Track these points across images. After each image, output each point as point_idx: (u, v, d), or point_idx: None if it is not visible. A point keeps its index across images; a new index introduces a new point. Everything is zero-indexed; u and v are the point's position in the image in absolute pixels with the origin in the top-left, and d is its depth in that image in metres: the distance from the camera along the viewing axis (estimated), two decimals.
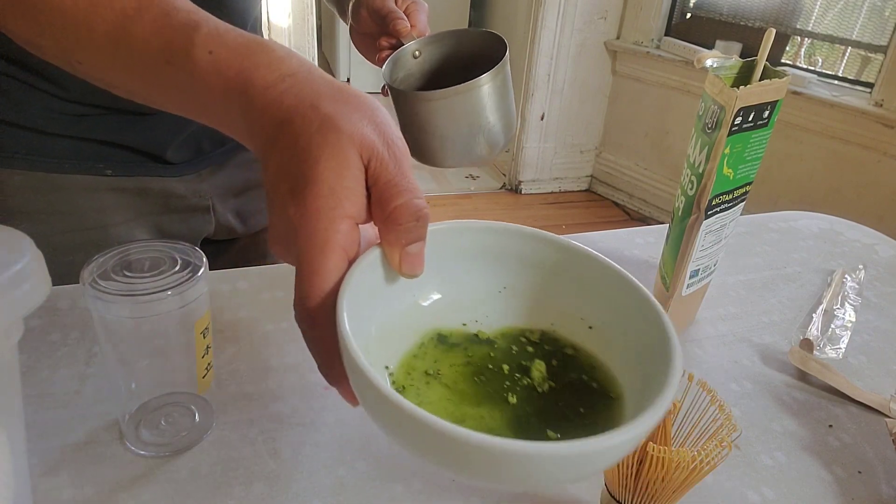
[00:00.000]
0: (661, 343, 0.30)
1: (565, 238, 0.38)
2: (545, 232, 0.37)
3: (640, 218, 2.91)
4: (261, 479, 0.43)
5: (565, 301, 0.37)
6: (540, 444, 0.24)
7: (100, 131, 0.66)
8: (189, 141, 0.71)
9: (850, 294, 0.67)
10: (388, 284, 0.34)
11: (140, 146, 0.69)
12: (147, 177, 0.71)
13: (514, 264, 0.37)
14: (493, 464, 0.25)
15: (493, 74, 0.59)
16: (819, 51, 2.40)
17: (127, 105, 0.62)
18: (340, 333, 0.29)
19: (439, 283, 0.37)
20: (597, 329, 0.36)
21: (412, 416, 0.25)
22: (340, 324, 0.29)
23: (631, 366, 0.33)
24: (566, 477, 0.28)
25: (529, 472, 0.25)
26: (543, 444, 0.24)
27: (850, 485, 0.46)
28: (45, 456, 0.43)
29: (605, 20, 2.75)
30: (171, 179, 0.73)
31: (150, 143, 0.69)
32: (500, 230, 0.37)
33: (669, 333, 0.30)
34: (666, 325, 0.31)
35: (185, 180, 0.74)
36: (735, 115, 0.47)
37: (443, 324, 0.36)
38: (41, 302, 0.29)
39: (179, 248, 0.42)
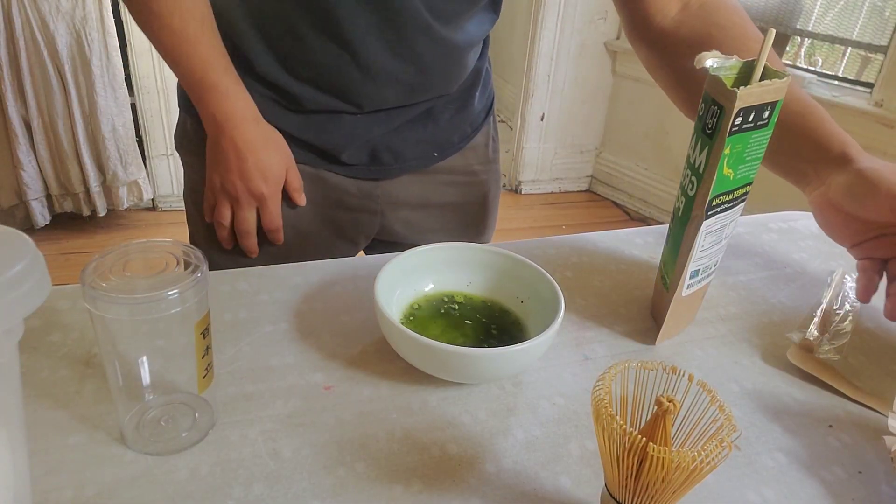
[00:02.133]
0: (556, 306, 0.52)
1: (505, 249, 0.60)
2: (494, 246, 0.62)
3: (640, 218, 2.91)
4: (261, 479, 0.43)
5: (506, 286, 0.60)
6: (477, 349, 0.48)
7: (282, 121, 0.71)
8: (364, 148, 0.75)
9: (850, 294, 0.67)
10: (404, 277, 0.58)
11: (318, 144, 0.74)
12: (324, 171, 0.76)
13: (476, 267, 0.61)
14: (452, 362, 0.48)
15: None
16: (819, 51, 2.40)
17: (310, 105, 0.72)
18: (376, 300, 0.51)
19: (433, 278, 0.60)
20: (525, 301, 0.58)
21: (410, 337, 0.48)
22: (377, 295, 0.51)
23: (540, 319, 0.54)
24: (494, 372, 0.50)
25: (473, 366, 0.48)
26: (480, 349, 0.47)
27: (850, 485, 0.46)
28: (45, 456, 0.43)
29: (605, 20, 2.75)
30: (345, 179, 0.77)
31: (327, 143, 0.74)
32: (466, 247, 0.61)
33: (560, 301, 0.52)
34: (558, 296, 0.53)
35: (360, 183, 0.77)
36: (735, 115, 0.47)
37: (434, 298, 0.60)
38: (41, 302, 0.29)
39: (179, 248, 0.42)
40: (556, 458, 0.46)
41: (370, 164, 0.76)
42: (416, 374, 0.52)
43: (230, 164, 0.68)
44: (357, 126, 0.73)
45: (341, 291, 0.62)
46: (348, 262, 0.67)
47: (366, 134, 0.74)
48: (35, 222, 2.35)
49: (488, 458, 0.45)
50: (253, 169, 0.68)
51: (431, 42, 0.69)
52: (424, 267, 0.59)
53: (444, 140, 0.79)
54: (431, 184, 0.81)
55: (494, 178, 0.88)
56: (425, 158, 0.79)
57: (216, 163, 0.69)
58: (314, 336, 0.56)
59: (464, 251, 0.60)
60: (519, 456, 0.46)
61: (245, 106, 0.67)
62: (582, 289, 0.66)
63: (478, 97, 0.81)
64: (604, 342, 0.58)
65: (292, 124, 0.72)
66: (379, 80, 0.70)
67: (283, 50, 0.69)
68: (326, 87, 0.70)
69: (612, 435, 0.35)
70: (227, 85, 0.66)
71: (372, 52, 0.67)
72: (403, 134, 0.76)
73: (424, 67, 0.71)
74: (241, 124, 0.67)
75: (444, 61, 0.72)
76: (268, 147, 0.69)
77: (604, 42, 2.79)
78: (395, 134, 0.75)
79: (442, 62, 0.72)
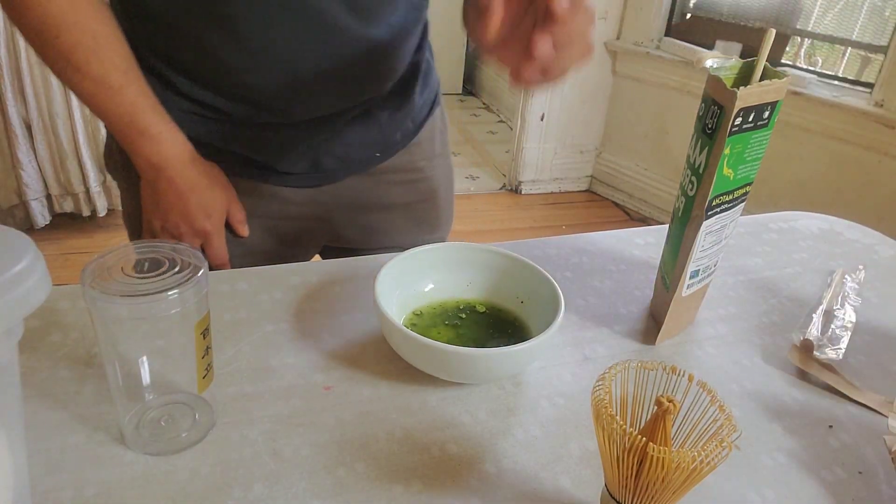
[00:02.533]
0: (556, 306, 0.52)
1: (504, 249, 0.60)
2: (494, 246, 0.61)
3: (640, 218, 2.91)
4: (261, 479, 0.43)
5: (506, 286, 0.60)
6: (477, 349, 0.48)
7: (214, 136, 0.69)
8: (301, 156, 0.72)
9: (850, 294, 0.67)
10: (404, 277, 0.57)
11: (251, 156, 0.71)
12: (262, 182, 0.73)
13: (476, 267, 0.60)
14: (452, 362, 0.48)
15: None
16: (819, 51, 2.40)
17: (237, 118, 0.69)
18: (376, 300, 0.51)
19: (433, 278, 0.60)
20: (525, 301, 0.58)
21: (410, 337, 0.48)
22: (377, 295, 0.51)
23: (540, 319, 0.54)
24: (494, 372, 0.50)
25: (473, 366, 0.49)
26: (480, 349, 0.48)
27: (850, 485, 0.46)
28: (45, 456, 0.43)
29: (605, 20, 2.75)
30: (286, 189, 0.74)
31: (261, 155, 0.71)
32: (466, 247, 0.60)
33: (560, 301, 0.52)
34: (558, 296, 0.53)
35: (302, 191, 0.75)
36: (735, 115, 0.47)
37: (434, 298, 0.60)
38: (41, 302, 0.29)
39: (179, 248, 0.42)
40: (556, 458, 0.46)
41: (310, 172, 0.74)
42: (416, 374, 0.52)
43: (171, 206, 0.66)
44: (289, 136, 0.70)
45: (341, 291, 0.62)
46: (348, 262, 0.67)
47: (300, 142, 0.71)
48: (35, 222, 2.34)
49: (488, 458, 0.45)
50: (196, 208, 0.66)
51: (352, 43, 0.64)
52: (424, 267, 0.59)
53: (385, 139, 0.76)
54: (378, 185, 0.78)
55: (444, 174, 0.85)
56: (368, 160, 0.76)
57: (156, 205, 0.67)
58: (314, 336, 0.56)
59: (464, 251, 0.60)
60: (519, 456, 0.46)
61: (182, 149, 0.65)
62: (582, 289, 0.66)
63: (418, 92, 0.77)
64: (604, 342, 0.58)
65: (221, 137, 0.69)
66: (302, 90, 0.66)
67: (195, 65, 0.65)
68: (248, 100, 0.67)
69: (612, 435, 0.35)
70: (158, 129, 0.63)
71: (288, 60, 0.63)
72: (341, 138, 0.73)
73: (349, 71, 0.66)
74: (180, 166, 0.65)
75: (370, 61, 0.67)
76: (210, 185, 0.67)
77: (604, 42, 2.79)
78: (333, 139, 0.72)
79: (368, 63, 0.67)
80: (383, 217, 0.81)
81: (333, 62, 0.65)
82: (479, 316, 0.58)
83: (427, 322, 0.57)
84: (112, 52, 0.60)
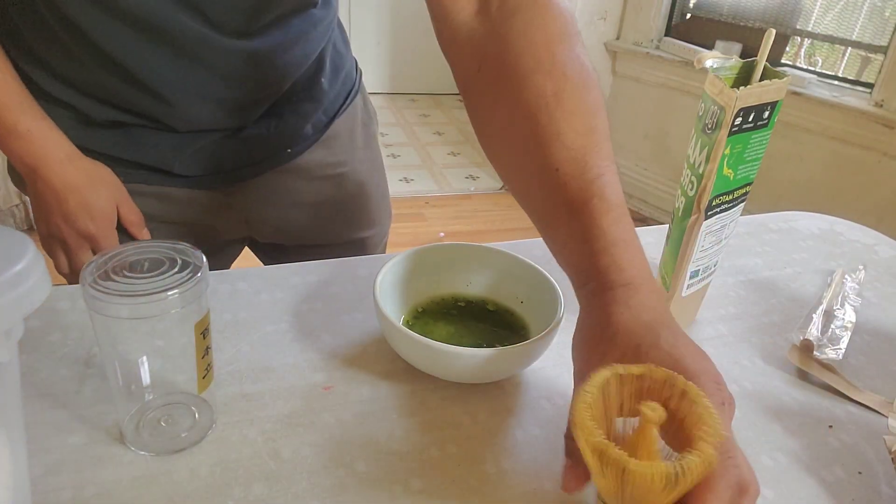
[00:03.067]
0: (556, 306, 0.52)
1: (505, 249, 0.59)
2: (494, 246, 0.61)
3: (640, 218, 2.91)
4: (261, 479, 0.43)
5: (506, 286, 0.59)
6: (477, 349, 0.47)
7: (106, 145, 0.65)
8: (199, 156, 0.68)
9: (850, 294, 0.67)
10: (404, 277, 0.57)
11: (145, 161, 0.67)
12: (166, 187, 0.69)
13: (476, 267, 0.60)
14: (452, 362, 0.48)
15: None
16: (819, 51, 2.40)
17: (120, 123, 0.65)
18: (376, 300, 0.50)
19: (433, 278, 0.60)
20: (525, 301, 0.58)
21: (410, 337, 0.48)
22: (377, 295, 0.51)
23: (540, 319, 0.54)
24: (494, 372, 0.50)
25: (473, 366, 0.48)
26: (480, 349, 0.47)
27: (850, 485, 0.46)
28: (45, 456, 0.43)
29: (605, 20, 2.75)
30: (191, 191, 0.70)
31: (153, 157, 0.67)
32: (466, 247, 0.60)
33: (559, 301, 0.52)
34: (558, 296, 0.52)
35: (209, 193, 0.71)
36: (735, 115, 0.47)
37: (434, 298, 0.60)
38: (41, 302, 0.29)
39: (179, 248, 0.42)
40: (556, 458, 0.46)
41: (212, 174, 0.69)
42: (416, 374, 0.52)
43: (51, 208, 0.62)
44: (179, 140, 0.66)
45: (341, 291, 0.62)
46: (348, 262, 0.67)
47: (193, 145, 0.66)
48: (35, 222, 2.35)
49: (488, 458, 0.45)
50: (77, 209, 0.62)
51: (228, 57, 0.60)
52: (424, 267, 0.59)
53: (293, 134, 0.72)
54: (296, 181, 0.74)
55: (372, 167, 0.81)
56: (277, 157, 0.72)
57: (38, 208, 0.63)
58: (314, 336, 0.56)
59: (464, 251, 0.60)
60: (519, 456, 0.46)
61: (56, 145, 0.61)
62: None
63: (327, 84, 0.72)
64: None
65: (106, 143, 0.65)
66: (179, 105, 0.62)
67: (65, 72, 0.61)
68: (129, 109, 0.63)
69: (592, 447, 0.33)
70: (27, 126, 0.59)
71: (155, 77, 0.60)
72: (242, 139, 0.68)
73: (232, 84, 0.62)
74: (56, 165, 0.61)
75: (255, 73, 0.63)
76: (92, 184, 0.63)
77: (604, 42, 2.79)
78: (232, 140, 0.68)
79: (253, 74, 0.63)
80: (309, 214, 0.78)
81: (211, 75, 0.61)
82: (478, 315, 0.58)
83: (427, 321, 0.57)
84: None
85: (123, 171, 0.67)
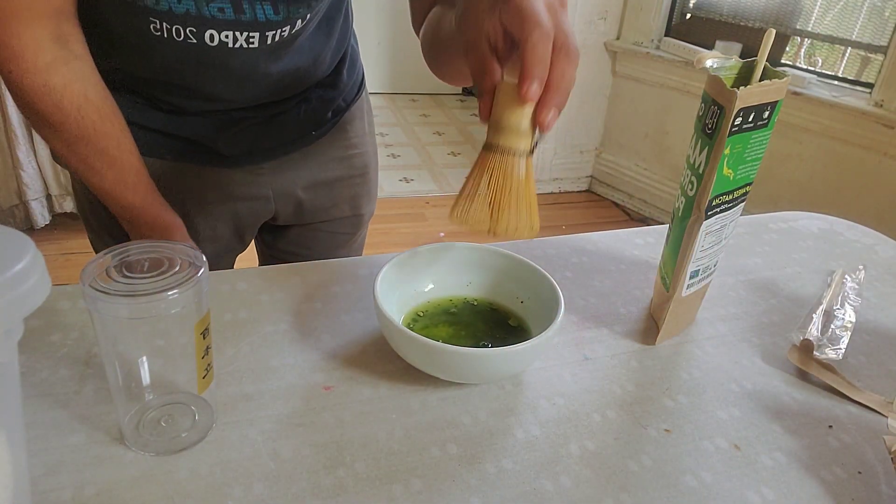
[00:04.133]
0: (556, 306, 0.52)
1: (505, 249, 0.60)
2: (494, 246, 0.61)
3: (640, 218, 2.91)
4: (261, 479, 0.43)
5: (506, 286, 0.60)
6: (477, 349, 0.49)
7: (153, 120, 0.72)
8: (240, 136, 0.75)
9: (850, 294, 0.67)
10: (404, 277, 0.57)
11: (192, 137, 0.74)
12: (205, 165, 0.76)
13: (476, 267, 0.61)
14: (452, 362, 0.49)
15: None
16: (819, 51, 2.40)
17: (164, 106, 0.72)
18: (376, 300, 0.51)
19: (433, 278, 0.60)
20: (525, 301, 0.58)
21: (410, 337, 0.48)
22: (377, 295, 0.51)
23: (540, 319, 0.54)
24: (494, 372, 0.50)
25: (473, 366, 0.49)
26: (480, 349, 0.49)
27: (850, 485, 0.46)
28: (45, 456, 0.43)
29: (605, 20, 2.75)
30: (228, 170, 0.77)
31: (201, 135, 0.74)
32: (466, 247, 0.60)
33: (559, 301, 0.52)
34: (558, 296, 0.53)
35: (245, 170, 0.78)
36: (735, 115, 0.47)
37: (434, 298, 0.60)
38: (41, 302, 0.29)
39: (179, 248, 0.42)
40: (556, 458, 0.46)
41: (248, 153, 0.77)
42: (416, 374, 0.52)
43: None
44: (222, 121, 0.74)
45: (341, 291, 0.62)
46: (348, 262, 0.67)
47: (235, 127, 0.74)
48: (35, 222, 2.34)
49: (488, 458, 0.45)
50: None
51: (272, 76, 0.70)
52: (424, 267, 0.59)
53: (319, 118, 0.81)
54: (316, 162, 0.83)
55: (373, 150, 0.91)
56: (304, 138, 0.80)
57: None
58: (314, 336, 0.56)
59: (464, 251, 0.60)
60: (519, 456, 0.46)
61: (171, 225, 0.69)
62: (582, 289, 0.66)
63: (346, 74, 0.82)
64: (604, 342, 0.58)
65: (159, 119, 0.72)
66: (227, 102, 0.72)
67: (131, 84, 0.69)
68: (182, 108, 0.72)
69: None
70: (165, 220, 0.68)
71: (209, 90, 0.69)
72: (277, 121, 0.77)
73: (277, 88, 0.73)
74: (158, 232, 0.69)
75: (292, 80, 0.73)
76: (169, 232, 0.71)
77: (604, 42, 2.79)
78: (268, 123, 0.77)
79: (291, 81, 0.73)
80: (324, 194, 0.86)
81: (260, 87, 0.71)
82: (478, 315, 0.58)
83: (427, 322, 0.57)
84: (129, 154, 0.64)
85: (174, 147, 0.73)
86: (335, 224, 0.90)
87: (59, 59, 0.57)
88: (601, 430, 0.49)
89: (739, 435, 0.49)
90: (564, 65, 0.45)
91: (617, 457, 0.46)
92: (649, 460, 0.46)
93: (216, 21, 0.59)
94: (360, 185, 0.89)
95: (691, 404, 0.52)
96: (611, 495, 0.43)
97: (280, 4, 0.61)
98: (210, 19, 0.59)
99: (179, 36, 0.60)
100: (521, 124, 0.47)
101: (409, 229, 2.63)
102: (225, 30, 0.61)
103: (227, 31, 0.61)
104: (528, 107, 0.46)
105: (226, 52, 0.63)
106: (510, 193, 0.48)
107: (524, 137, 0.47)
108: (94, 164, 0.62)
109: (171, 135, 0.73)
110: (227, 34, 0.61)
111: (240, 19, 0.60)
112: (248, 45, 0.63)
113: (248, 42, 0.63)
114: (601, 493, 0.44)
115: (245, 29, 0.61)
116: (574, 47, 0.45)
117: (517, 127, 0.47)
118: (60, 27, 0.57)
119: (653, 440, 0.48)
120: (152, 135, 0.72)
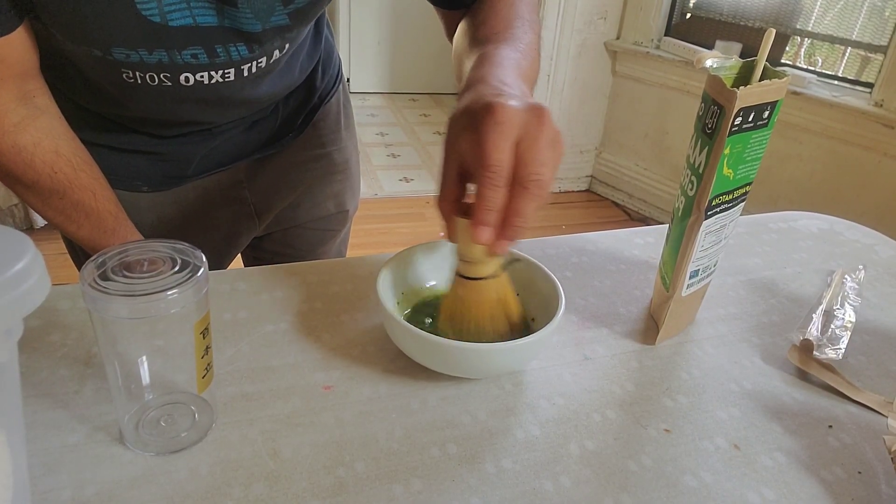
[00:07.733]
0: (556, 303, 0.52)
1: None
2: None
3: (640, 218, 2.91)
4: (261, 479, 0.43)
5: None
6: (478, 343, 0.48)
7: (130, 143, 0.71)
8: (219, 149, 0.75)
9: (850, 294, 0.67)
10: (405, 275, 0.58)
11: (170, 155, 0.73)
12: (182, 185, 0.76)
13: None
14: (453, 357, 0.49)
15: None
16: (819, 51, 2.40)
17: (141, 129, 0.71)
18: (378, 296, 0.51)
19: (434, 276, 0.60)
20: (526, 298, 0.57)
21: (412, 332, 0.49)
22: (381, 290, 0.52)
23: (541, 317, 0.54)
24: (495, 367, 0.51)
25: (475, 361, 0.49)
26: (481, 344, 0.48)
27: (850, 485, 0.46)
28: (45, 456, 0.43)
29: (605, 20, 2.75)
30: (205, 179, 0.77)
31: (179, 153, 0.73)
32: None
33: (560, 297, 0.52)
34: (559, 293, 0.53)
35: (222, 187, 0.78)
36: (735, 115, 0.47)
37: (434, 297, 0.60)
38: (41, 302, 0.29)
39: (179, 248, 0.42)
40: (556, 458, 0.46)
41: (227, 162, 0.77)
42: (415, 373, 0.52)
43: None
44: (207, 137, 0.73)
45: (341, 291, 0.62)
46: (348, 262, 0.67)
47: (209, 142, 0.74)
48: (35, 222, 2.34)
49: (488, 458, 0.45)
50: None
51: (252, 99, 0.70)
52: (425, 266, 0.59)
53: (293, 122, 0.80)
54: (294, 164, 0.82)
55: (352, 145, 0.90)
56: (281, 141, 0.80)
57: None
58: (314, 336, 0.56)
59: None
60: (519, 456, 0.46)
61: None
62: (582, 289, 0.66)
63: (320, 78, 0.81)
64: (604, 342, 0.58)
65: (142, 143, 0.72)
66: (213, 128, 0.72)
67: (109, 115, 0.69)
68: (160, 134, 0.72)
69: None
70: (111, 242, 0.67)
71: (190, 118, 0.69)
72: (254, 130, 0.77)
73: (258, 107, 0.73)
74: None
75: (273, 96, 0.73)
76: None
77: (604, 42, 2.79)
78: (244, 132, 0.76)
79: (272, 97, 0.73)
80: (304, 194, 0.85)
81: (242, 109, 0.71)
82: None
83: (427, 319, 0.57)
84: (106, 201, 0.63)
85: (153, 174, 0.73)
86: (321, 222, 0.89)
87: (26, 118, 0.56)
88: (601, 429, 0.49)
89: (739, 435, 0.49)
90: (521, 202, 0.43)
91: (617, 457, 0.46)
92: (649, 460, 0.46)
93: (190, 66, 0.58)
94: (342, 181, 0.89)
95: (691, 404, 0.52)
96: (611, 495, 0.43)
97: (254, 44, 0.59)
98: (183, 65, 0.57)
99: (154, 81, 0.59)
100: (481, 256, 0.48)
101: (409, 229, 2.63)
102: (199, 72, 0.59)
103: (202, 73, 0.59)
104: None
105: (202, 88, 0.61)
106: (485, 319, 0.51)
107: (489, 264, 0.49)
108: (71, 215, 0.62)
109: (149, 153, 0.72)
110: (203, 75, 0.59)
111: (214, 62, 0.58)
112: (224, 80, 0.62)
113: (225, 77, 0.61)
114: (601, 493, 0.44)
115: (220, 68, 0.60)
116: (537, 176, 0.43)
117: (479, 258, 0.48)
118: (25, 86, 0.56)
119: (653, 440, 0.48)
120: (129, 157, 0.71)
